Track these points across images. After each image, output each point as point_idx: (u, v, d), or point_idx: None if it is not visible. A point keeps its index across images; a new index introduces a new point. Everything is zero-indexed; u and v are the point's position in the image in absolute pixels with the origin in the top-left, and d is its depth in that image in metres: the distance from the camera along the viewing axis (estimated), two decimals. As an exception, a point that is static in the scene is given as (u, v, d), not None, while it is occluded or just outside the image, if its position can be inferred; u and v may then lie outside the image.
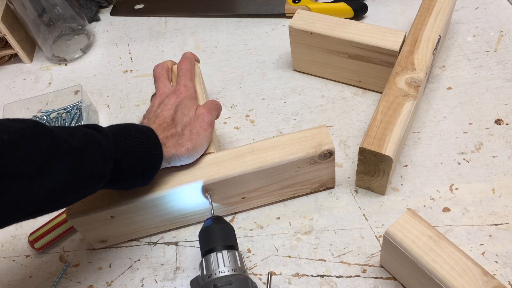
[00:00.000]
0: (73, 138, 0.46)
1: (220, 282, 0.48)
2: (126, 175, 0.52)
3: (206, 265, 0.51)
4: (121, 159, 0.50)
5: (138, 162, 0.52)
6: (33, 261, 0.63)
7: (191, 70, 0.66)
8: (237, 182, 0.58)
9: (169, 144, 0.55)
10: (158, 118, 0.58)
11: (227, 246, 0.52)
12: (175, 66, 0.69)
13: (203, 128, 0.58)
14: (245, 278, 0.50)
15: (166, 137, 0.55)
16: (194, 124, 0.57)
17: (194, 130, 0.57)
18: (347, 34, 0.69)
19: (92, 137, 0.48)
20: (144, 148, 0.52)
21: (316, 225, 0.61)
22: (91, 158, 0.47)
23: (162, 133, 0.56)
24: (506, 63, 0.75)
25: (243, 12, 0.91)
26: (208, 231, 0.54)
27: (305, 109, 0.74)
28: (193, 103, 0.60)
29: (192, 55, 0.69)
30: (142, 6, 0.97)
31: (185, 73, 0.65)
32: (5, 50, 0.87)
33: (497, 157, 0.64)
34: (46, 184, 0.43)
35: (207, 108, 0.60)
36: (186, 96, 0.61)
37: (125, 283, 0.60)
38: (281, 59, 0.82)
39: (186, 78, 0.64)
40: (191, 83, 0.64)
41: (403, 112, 0.60)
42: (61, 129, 0.46)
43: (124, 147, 0.51)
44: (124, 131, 0.52)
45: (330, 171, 0.61)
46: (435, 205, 0.61)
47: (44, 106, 0.77)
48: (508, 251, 0.56)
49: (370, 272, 0.57)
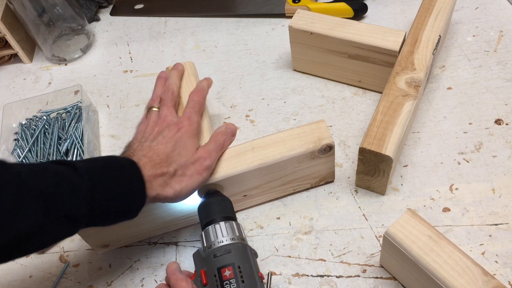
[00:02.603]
0: (42, 179, 0.43)
1: (220, 251, 0.50)
2: (104, 216, 0.48)
3: (205, 237, 0.53)
4: (98, 200, 0.46)
5: (118, 203, 0.48)
6: (33, 261, 0.63)
7: (201, 103, 0.61)
8: (239, 180, 0.58)
9: (156, 183, 0.51)
10: (152, 151, 0.54)
11: (225, 218, 0.54)
12: (170, 67, 0.68)
13: (198, 172, 0.54)
14: (243, 245, 0.52)
15: (154, 174, 0.51)
16: (189, 166, 0.54)
17: (188, 172, 0.53)
18: (347, 34, 0.69)
19: (64, 177, 0.44)
20: (124, 187, 0.48)
21: (316, 225, 0.61)
22: (63, 201, 0.43)
23: (150, 170, 0.51)
24: (506, 63, 0.75)
25: (243, 12, 0.91)
26: (206, 204, 0.56)
27: (305, 109, 0.74)
28: (194, 143, 0.56)
29: (208, 85, 0.65)
30: (142, 6, 0.97)
31: (194, 105, 0.60)
32: (5, 50, 0.87)
33: (497, 157, 0.64)
34: (11, 231, 0.39)
35: (208, 151, 0.56)
36: (188, 132, 0.56)
37: (125, 283, 0.60)
38: (281, 59, 0.82)
39: (193, 111, 0.59)
40: (196, 117, 0.59)
41: (403, 112, 0.60)
42: (29, 169, 0.43)
43: (102, 187, 0.46)
44: (102, 168, 0.48)
45: (329, 165, 0.62)
46: (435, 205, 0.61)
47: (44, 106, 0.77)
48: (508, 251, 0.56)
49: (370, 272, 0.57)
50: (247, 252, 0.51)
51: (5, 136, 0.73)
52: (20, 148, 0.72)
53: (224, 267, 0.49)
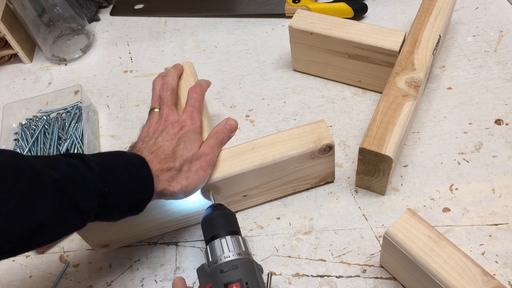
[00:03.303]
0: (55, 171, 0.43)
1: (227, 267, 0.49)
2: (114, 210, 0.48)
3: (211, 252, 0.51)
4: (108, 193, 0.46)
5: (127, 197, 0.48)
6: (33, 261, 0.63)
7: (200, 100, 0.62)
8: (239, 180, 0.58)
9: (163, 178, 0.52)
10: (157, 148, 0.54)
11: (230, 232, 0.52)
12: (169, 67, 0.68)
13: (203, 168, 0.54)
14: (250, 261, 0.50)
15: (161, 169, 0.52)
16: (194, 162, 0.54)
17: (193, 168, 0.54)
18: (347, 34, 0.69)
19: (76, 169, 0.45)
20: (134, 181, 0.49)
21: (316, 225, 0.61)
22: (75, 193, 0.44)
23: (157, 165, 0.52)
24: (506, 63, 0.75)
25: (243, 12, 0.91)
26: (210, 218, 0.54)
27: (305, 109, 0.74)
28: (197, 139, 0.57)
29: (206, 83, 0.65)
30: (142, 6, 0.97)
31: (194, 103, 0.61)
32: (5, 50, 0.87)
33: (497, 157, 0.64)
34: (26, 222, 0.40)
35: (211, 147, 0.56)
36: (191, 129, 0.57)
37: (125, 283, 0.60)
38: (281, 59, 0.82)
39: (194, 110, 0.60)
40: (198, 115, 0.60)
41: (403, 112, 0.60)
42: (43, 160, 0.43)
43: (112, 181, 0.47)
44: (112, 162, 0.49)
45: (329, 165, 0.62)
46: (435, 205, 0.61)
47: (44, 106, 0.77)
48: (508, 251, 0.56)
49: (370, 272, 0.57)
50: (253, 268, 0.50)
51: (5, 136, 0.73)
52: (20, 148, 0.72)
53: (231, 283, 0.48)
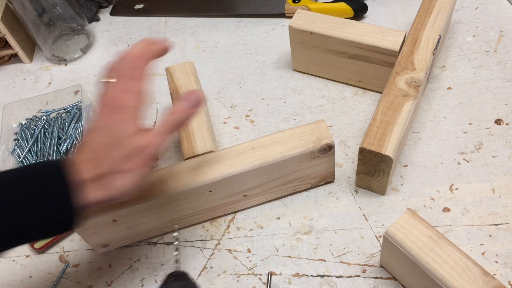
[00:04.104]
0: None
1: None
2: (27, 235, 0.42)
3: None
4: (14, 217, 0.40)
5: (39, 219, 0.41)
6: (33, 261, 0.63)
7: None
8: (239, 180, 0.58)
9: (95, 187, 0.43)
10: (86, 146, 0.44)
11: None
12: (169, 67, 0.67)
13: (140, 165, 0.44)
14: None
15: (97, 175, 0.43)
16: (131, 160, 0.44)
17: (130, 165, 0.44)
18: (347, 34, 0.69)
19: None
20: (45, 200, 0.41)
21: (316, 225, 0.61)
22: None
23: (91, 170, 0.43)
24: (506, 63, 0.75)
25: (243, 12, 0.91)
26: None
27: (305, 109, 0.74)
28: (130, 129, 0.44)
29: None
30: (142, 6, 0.97)
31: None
32: (5, 50, 0.87)
33: (497, 157, 0.64)
34: None
35: (152, 135, 0.45)
36: (121, 114, 0.44)
37: (125, 283, 0.60)
38: (281, 59, 0.82)
39: (134, 81, 0.47)
40: (138, 85, 0.46)
41: (403, 112, 0.60)
42: None
43: (16, 203, 0.40)
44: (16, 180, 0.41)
45: (329, 165, 0.62)
46: (435, 205, 0.61)
47: (44, 106, 0.77)
48: (508, 251, 0.56)
49: (370, 272, 0.57)
50: None
51: (5, 136, 0.73)
52: (20, 148, 0.72)
53: None
